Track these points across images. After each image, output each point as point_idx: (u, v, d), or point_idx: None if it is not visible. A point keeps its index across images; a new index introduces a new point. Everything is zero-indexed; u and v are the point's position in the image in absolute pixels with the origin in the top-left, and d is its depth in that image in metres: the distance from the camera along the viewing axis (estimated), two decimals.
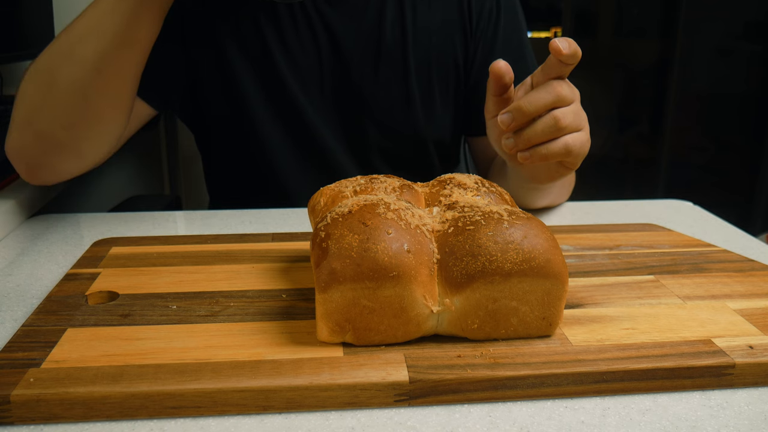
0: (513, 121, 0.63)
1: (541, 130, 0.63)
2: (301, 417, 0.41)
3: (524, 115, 0.62)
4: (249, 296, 0.54)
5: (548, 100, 0.62)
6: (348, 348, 0.46)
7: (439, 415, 0.41)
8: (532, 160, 0.64)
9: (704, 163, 2.76)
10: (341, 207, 0.48)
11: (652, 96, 2.72)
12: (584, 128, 0.66)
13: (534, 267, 0.45)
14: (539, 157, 0.64)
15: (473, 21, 0.91)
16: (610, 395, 0.44)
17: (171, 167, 1.75)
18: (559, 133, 0.63)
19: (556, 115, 0.62)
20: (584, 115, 0.66)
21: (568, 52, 0.60)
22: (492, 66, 0.64)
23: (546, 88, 0.62)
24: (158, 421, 0.41)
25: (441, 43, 0.90)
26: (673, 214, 0.82)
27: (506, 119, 0.63)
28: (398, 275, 0.44)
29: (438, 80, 0.91)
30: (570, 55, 0.60)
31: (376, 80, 0.88)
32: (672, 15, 2.53)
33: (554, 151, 0.64)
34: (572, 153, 0.64)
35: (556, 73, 0.63)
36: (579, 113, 0.65)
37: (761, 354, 0.45)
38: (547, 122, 0.63)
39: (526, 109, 0.62)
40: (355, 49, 0.87)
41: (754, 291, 0.56)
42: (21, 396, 0.40)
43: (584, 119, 0.66)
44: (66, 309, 0.51)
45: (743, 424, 0.41)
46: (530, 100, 0.62)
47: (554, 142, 0.64)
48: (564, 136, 0.64)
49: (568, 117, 0.63)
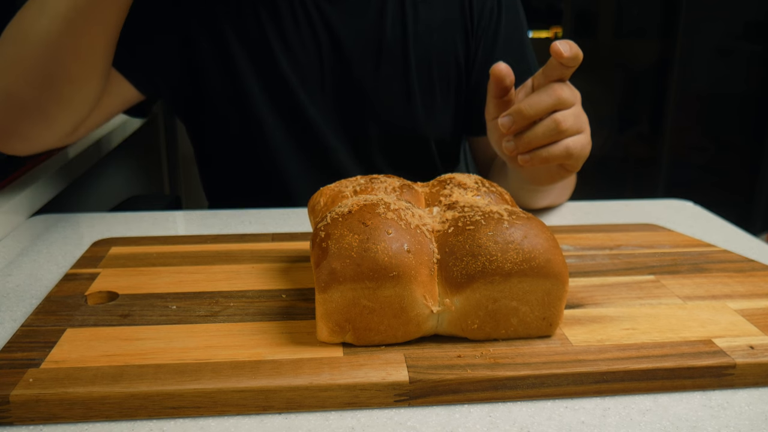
0: (513, 124, 0.63)
1: (541, 133, 0.63)
2: (301, 417, 0.41)
3: (525, 118, 0.62)
4: (249, 296, 0.53)
5: (549, 103, 0.62)
6: (348, 348, 0.46)
7: (439, 415, 0.41)
8: (532, 162, 0.64)
9: (704, 163, 2.76)
10: (341, 207, 0.48)
11: (652, 96, 2.72)
12: (585, 131, 0.66)
13: (534, 267, 0.45)
14: (540, 160, 0.64)
15: (474, 20, 0.91)
16: (611, 395, 0.44)
17: (171, 167, 1.75)
18: (560, 136, 0.63)
19: (557, 119, 0.62)
20: (585, 118, 0.66)
21: (569, 55, 0.60)
22: (493, 68, 0.64)
23: (547, 90, 0.62)
24: (158, 421, 0.41)
25: (442, 41, 0.90)
26: (673, 214, 0.82)
27: (507, 122, 0.63)
28: (398, 275, 0.44)
29: (439, 78, 0.91)
30: (571, 58, 0.60)
31: (377, 78, 0.88)
32: (672, 15, 2.53)
33: (555, 154, 0.64)
34: (573, 156, 0.64)
35: (557, 76, 0.63)
36: (580, 116, 0.65)
37: (762, 354, 0.45)
38: (547, 125, 0.62)
39: (527, 112, 0.62)
40: (355, 47, 0.87)
41: (754, 291, 0.56)
42: (20, 396, 0.40)
43: (585, 122, 0.66)
44: (65, 309, 0.51)
45: (744, 425, 0.41)
46: (531, 104, 0.62)
47: (555, 145, 0.64)
48: (565, 139, 0.64)
49: (568, 120, 0.63)
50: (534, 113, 0.62)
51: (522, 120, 0.63)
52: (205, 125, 0.94)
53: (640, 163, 2.83)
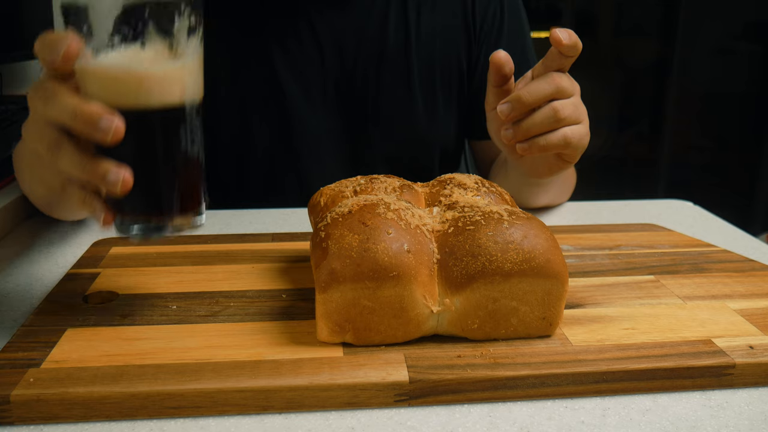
0: (513, 111, 0.63)
1: (540, 121, 0.63)
2: (301, 417, 0.41)
3: (524, 105, 0.62)
4: (249, 296, 0.54)
5: (548, 91, 0.62)
6: (348, 348, 0.46)
7: (439, 415, 0.41)
8: (531, 151, 0.64)
9: (704, 163, 2.76)
10: (341, 207, 0.48)
11: (652, 96, 2.72)
12: (583, 121, 0.66)
13: (534, 267, 0.45)
14: (538, 148, 0.64)
15: (477, 25, 0.91)
16: (610, 395, 0.44)
17: None
18: (558, 125, 0.63)
19: (555, 107, 0.62)
20: (584, 109, 0.66)
21: (568, 43, 0.60)
22: (492, 56, 0.64)
23: (546, 79, 0.62)
24: (158, 421, 0.41)
25: (444, 46, 0.90)
26: (673, 214, 0.82)
27: (506, 109, 0.63)
28: (398, 275, 0.44)
29: (441, 83, 0.91)
30: (570, 46, 0.60)
31: (379, 83, 0.88)
32: (672, 15, 2.53)
33: (553, 142, 0.63)
34: (571, 144, 0.64)
35: (556, 66, 0.62)
36: (579, 106, 0.65)
37: (761, 354, 0.45)
38: (546, 113, 0.62)
39: (526, 99, 0.62)
40: (359, 52, 0.87)
41: (754, 291, 0.56)
42: (21, 396, 0.40)
43: (584, 112, 0.66)
44: (66, 309, 0.51)
45: (743, 424, 0.41)
46: (530, 90, 0.62)
47: (553, 133, 0.63)
48: (563, 127, 0.63)
49: (567, 108, 0.63)
50: (533, 100, 0.62)
51: (521, 107, 0.62)
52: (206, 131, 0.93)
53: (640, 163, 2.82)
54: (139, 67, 0.43)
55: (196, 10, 0.45)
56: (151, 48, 0.44)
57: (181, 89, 0.45)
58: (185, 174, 0.47)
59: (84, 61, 0.43)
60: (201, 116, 0.47)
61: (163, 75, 0.44)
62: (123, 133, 0.42)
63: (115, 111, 0.42)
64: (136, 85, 0.43)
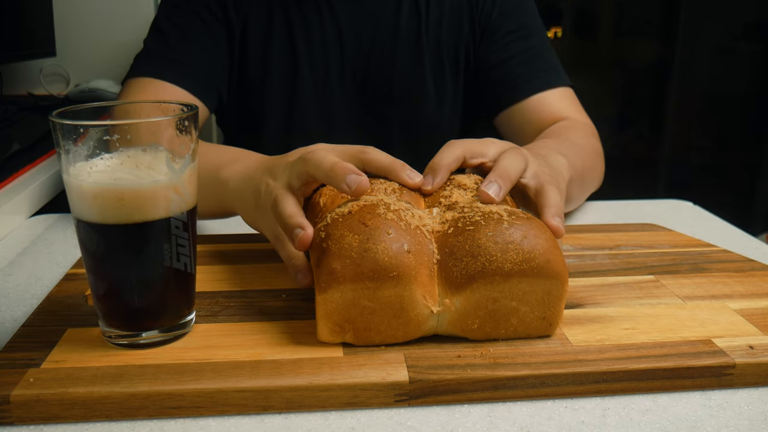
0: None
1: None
2: (301, 417, 0.41)
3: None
4: (249, 296, 0.54)
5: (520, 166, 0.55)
6: (348, 348, 0.46)
7: (439, 415, 0.41)
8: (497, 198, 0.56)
9: (704, 163, 2.76)
10: (341, 207, 0.48)
11: (652, 96, 2.72)
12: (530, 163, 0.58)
13: (534, 267, 0.45)
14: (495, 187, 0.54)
15: (480, 3, 0.94)
16: (610, 395, 0.44)
17: None
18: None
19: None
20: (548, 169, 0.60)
21: (563, 234, 0.54)
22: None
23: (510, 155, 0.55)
24: (158, 421, 0.41)
25: (451, 27, 0.93)
26: (673, 214, 0.82)
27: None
28: (398, 275, 0.44)
29: (449, 64, 0.94)
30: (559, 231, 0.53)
31: (394, 66, 0.92)
32: (672, 15, 2.53)
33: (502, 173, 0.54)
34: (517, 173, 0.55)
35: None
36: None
37: (761, 354, 0.45)
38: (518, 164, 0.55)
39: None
40: (376, 37, 0.91)
41: (754, 291, 0.56)
42: (21, 396, 0.40)
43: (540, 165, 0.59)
44: (66, 309, 0.51)
45: (743, 424, 0.41)
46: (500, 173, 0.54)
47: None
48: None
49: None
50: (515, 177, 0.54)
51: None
52: (238, 122, 0.97)
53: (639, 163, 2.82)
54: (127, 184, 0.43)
55: (190, 124, 0.45)
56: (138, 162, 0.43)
57: (166, 203, 0.44)
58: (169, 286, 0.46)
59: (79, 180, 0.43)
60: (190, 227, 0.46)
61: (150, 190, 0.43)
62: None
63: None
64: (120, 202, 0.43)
